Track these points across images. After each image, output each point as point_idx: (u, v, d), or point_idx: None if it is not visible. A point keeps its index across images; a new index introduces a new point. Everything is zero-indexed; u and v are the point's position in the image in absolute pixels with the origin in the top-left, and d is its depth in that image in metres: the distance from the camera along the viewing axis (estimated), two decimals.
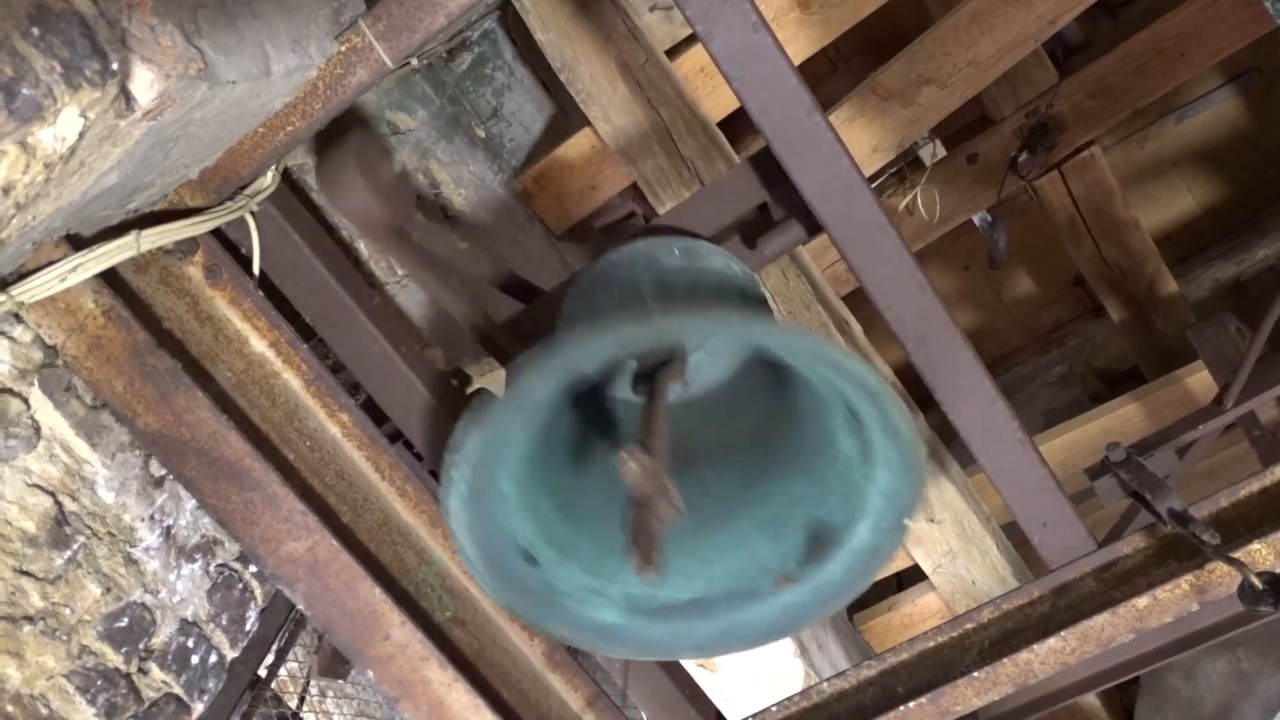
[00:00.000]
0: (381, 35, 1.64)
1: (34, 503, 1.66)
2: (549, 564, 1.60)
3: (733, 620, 1.61)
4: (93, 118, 1.17)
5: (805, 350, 1.48)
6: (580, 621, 1.60)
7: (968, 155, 4.12)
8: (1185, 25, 3.67)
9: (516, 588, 1.59)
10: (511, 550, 1.58)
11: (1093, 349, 5.30)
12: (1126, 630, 1.69)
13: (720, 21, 1.55)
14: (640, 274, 1.67)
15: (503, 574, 1.58)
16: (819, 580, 1.56)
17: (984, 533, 3.43)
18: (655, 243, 1.73)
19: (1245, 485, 1.68)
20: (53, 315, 1.68)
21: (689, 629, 1.60)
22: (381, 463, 1.96)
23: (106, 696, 1.72)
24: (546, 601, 1.60)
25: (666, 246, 1.71)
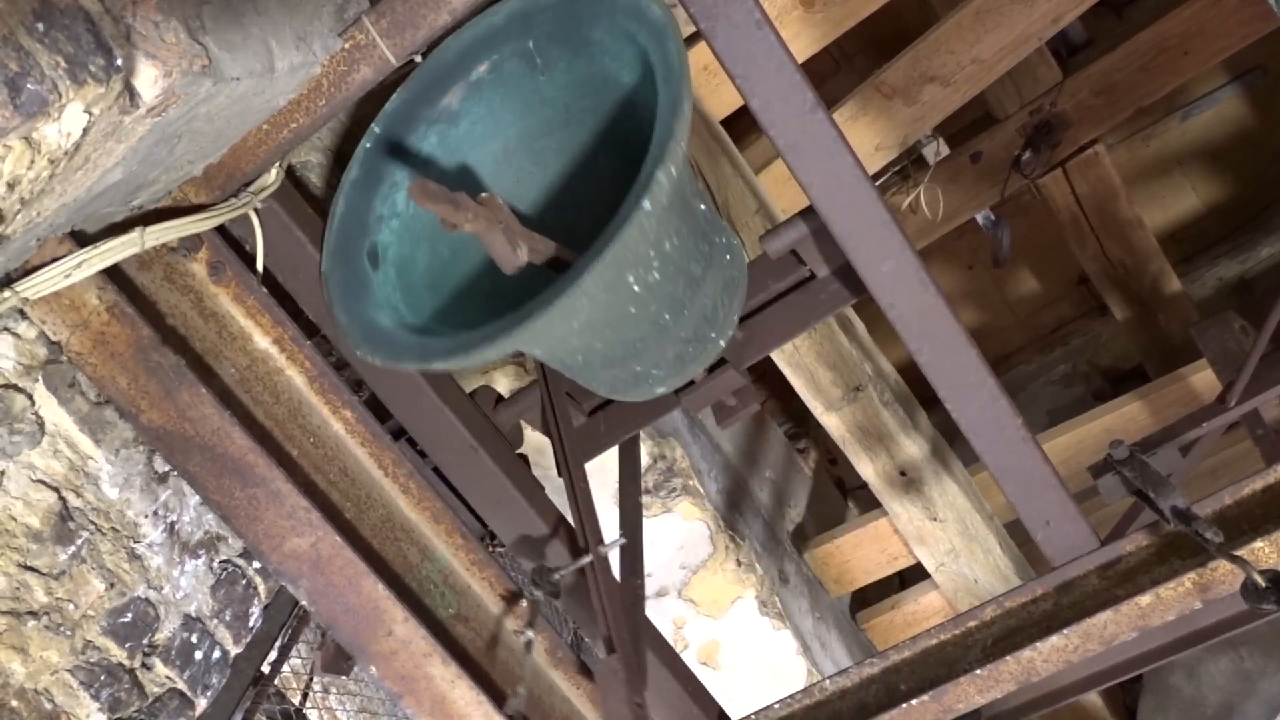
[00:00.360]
0: (385, 32, 1.64)
1: (38, 498, 1.66)
2: (382, 278, 1.76)
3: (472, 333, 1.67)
4: (97, 114, 1.17)
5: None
6: (362, 317, 1.70)
7: (971, 153, 4.12)
8: (1190, 23, 3.66)
9: (344, 266, 1.76)
10: (365, 239, 1.77)
11: (1096, 347, 5.29)
12: (1129, 628, 1.69)
13: (723, 18, 1.55)
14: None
15: (344, 248, 1.77)
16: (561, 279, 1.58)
17: (987, 531, 3.43)
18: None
19: (1249, 483, 1.68)
20: (57, 311, 1.69)
21: (435, 343, 1.66)
22: (384, 459, 1.97)
23: (110, 692, 1.72)
24: (355, 293, 1.73)
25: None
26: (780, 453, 4.04)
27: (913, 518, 3.42)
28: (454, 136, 1.82)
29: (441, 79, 1.79)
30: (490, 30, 1.74)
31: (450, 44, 1.77)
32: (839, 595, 3.86)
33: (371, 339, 1.68)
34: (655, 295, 1.64)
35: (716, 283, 1.78)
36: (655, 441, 3.11)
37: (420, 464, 2.03)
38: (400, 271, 1.78)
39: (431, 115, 1.80)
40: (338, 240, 1.79)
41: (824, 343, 3.09)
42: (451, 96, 1.79)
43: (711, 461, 3.42)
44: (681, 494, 3.17)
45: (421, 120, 1.80)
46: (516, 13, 1.73)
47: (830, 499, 4.29)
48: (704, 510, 3.20)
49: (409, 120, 1.80)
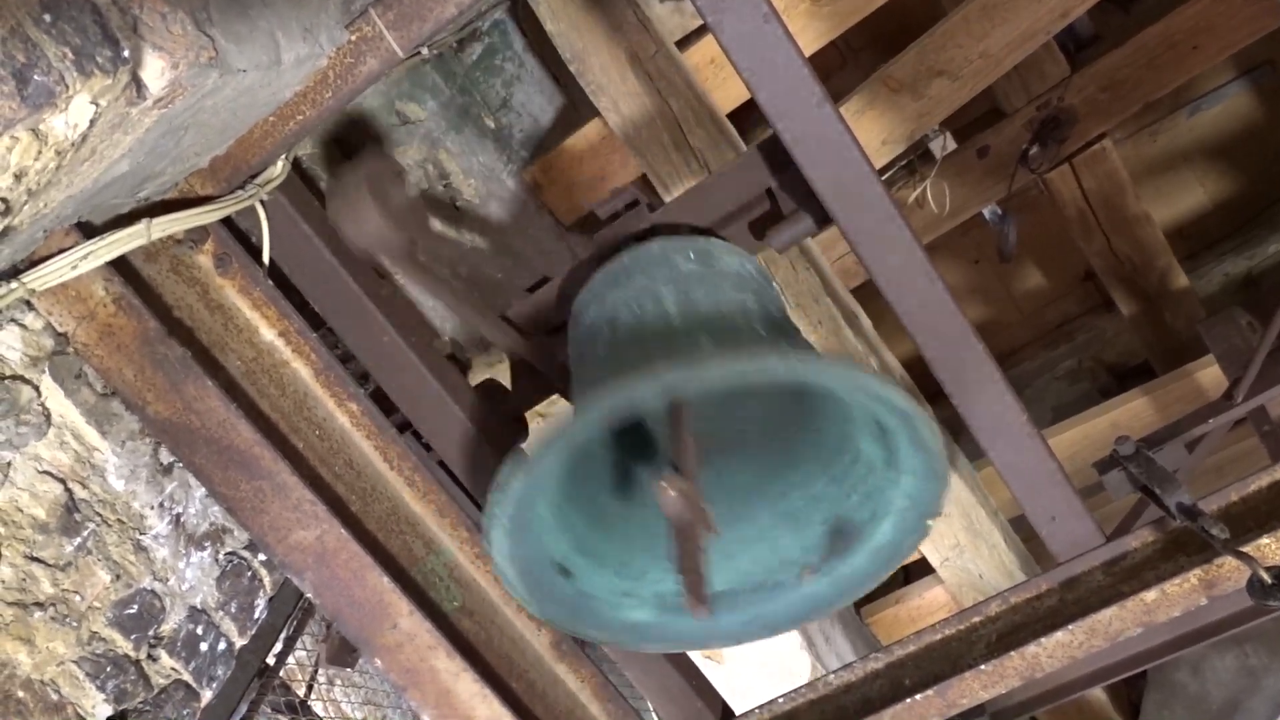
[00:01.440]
0: (392, 24, 1.64)
1: (44, 490, 1.66)
2: (581, 573, 1.62)
3: (758, 611, 1.64)
4: (104, 105, 1.17)
5: (842, 381, 1.46)
6: (614, 623, 1.63)
7: (978, 148, 4.11)
8: (1198, 19, 3.65)
9: (554, 601, 1.60)
10: (548, 567, 1.60)
11: (1102, 343, 5.28)
12: (1134, 624, 1.69)
13: (730, 12, 1.54)
14: (658, 281, 1.65)
15: (541, 591, 1.59)
16: (840, 572, 1.58)
17: (991, 526, 3.42)
18: (669, 245, 1.72)
19: (1255, 480, 1.68)
20: (63, 303, 1.69)
21: (716, 621, 1.62)
22: (390, 452, 1.97)
23: (116, 683, 1.73)
24: (582, 608, 1.62)
25: (681, 250, 1.70)
26: None
27: None
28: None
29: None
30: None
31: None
32: None
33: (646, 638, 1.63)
34: None
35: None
36: None
37: (425, 457, 2.03)
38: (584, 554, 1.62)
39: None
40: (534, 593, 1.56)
41: (830, 337, 3.08)
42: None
43: None
44: None
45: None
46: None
47: None
48: None
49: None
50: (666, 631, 1.63)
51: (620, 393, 1.32)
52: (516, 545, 1.52)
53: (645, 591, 1.65)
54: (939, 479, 1.44)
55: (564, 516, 1.62)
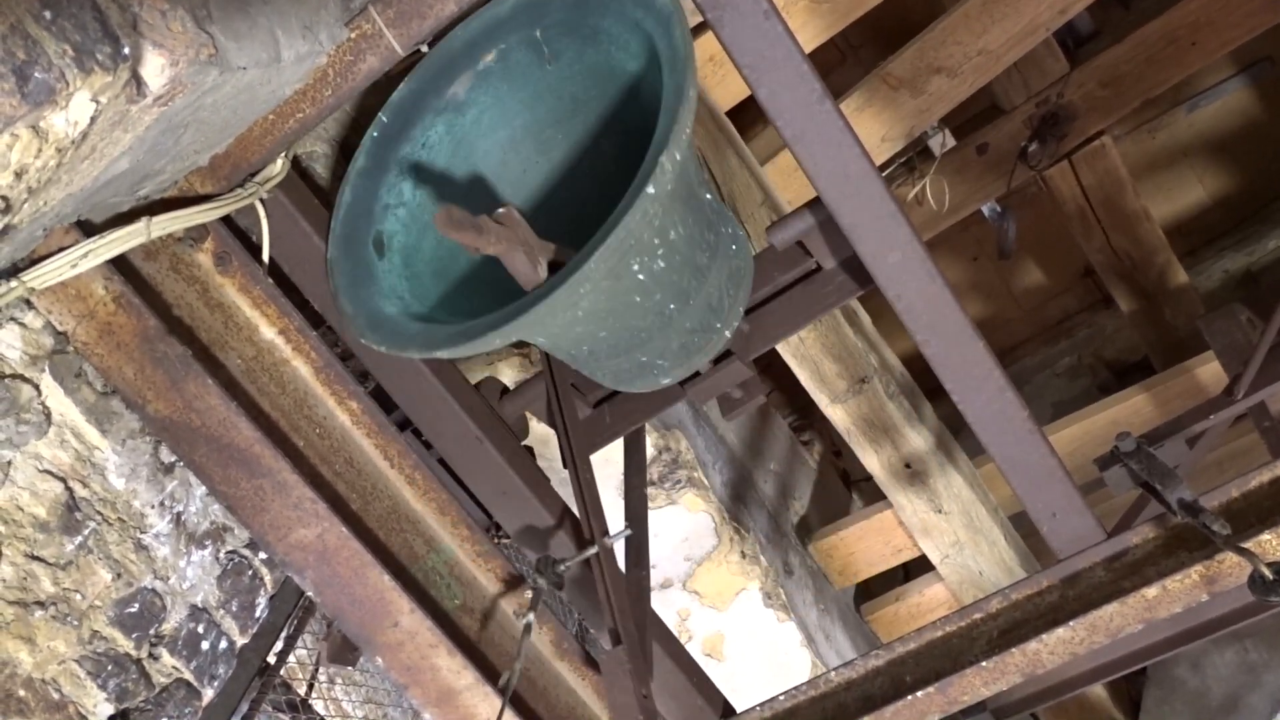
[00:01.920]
0: (392, 22, 1.64)
1: (45, 488, 1.66)
2: (388, 266, 1.77)
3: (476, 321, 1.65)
4: (104, 102, 1.17)
5: None
6: (368, 305, 1.71)
7: (977, 145, 4.11)
8: (1197, 14, 3.64)
9: (351, 255, 1.77)
10: (371, 227, 1.78)
11: (1102, 340, 5.28)
12: (1135, 620, 1.69)
13: (731, 8, 1.54)
14: None
15: (350, 235, 1.78)
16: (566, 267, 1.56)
17: (992, 523, 3.42)
18: None
19: (1256, 475, 1.68)
20: (63, 301, 1.69)
21: (439, 330, 1.65)
22: (390, 450, 1.97)
23: (117, 682, 1.73)
24: (361, 281, 1.74)
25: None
26: (785, 445, 4.04)
27: (917, 510, 3.42)
28: (461, 126, 1.82)
29: (449, 68, 1.79)
30: (497, 19, 1.74)
31: (457, 33, 1.76)
32: (843, 587, 3.86)
33: (376, 327, 1.68)
34: (660, 284, 1.64)
35: (722, 273, 1.77)
36: (660, 434, 3.11)
37: (426, 455, 2.03)
38: (406, 260, 1.79)
39: (439, 105, 1.80)
40: (344, 229, 1.79)
41: (829, 334, 3.08)
42: (459, 86, 1.79)
43: (716, 454, 3.42)
44: (686, 486, 3.17)
45: (429, 109, 1.80)
46: (524, 3, 1.72)
47: (835, 491, 4.28)
48: (709, 502, 3.20)
49: (416, 110, 1.80)
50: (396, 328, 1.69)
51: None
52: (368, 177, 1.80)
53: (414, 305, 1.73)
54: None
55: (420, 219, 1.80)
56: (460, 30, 1.76)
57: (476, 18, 1.75)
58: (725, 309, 1.81)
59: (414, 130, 1.80)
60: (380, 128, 1.81)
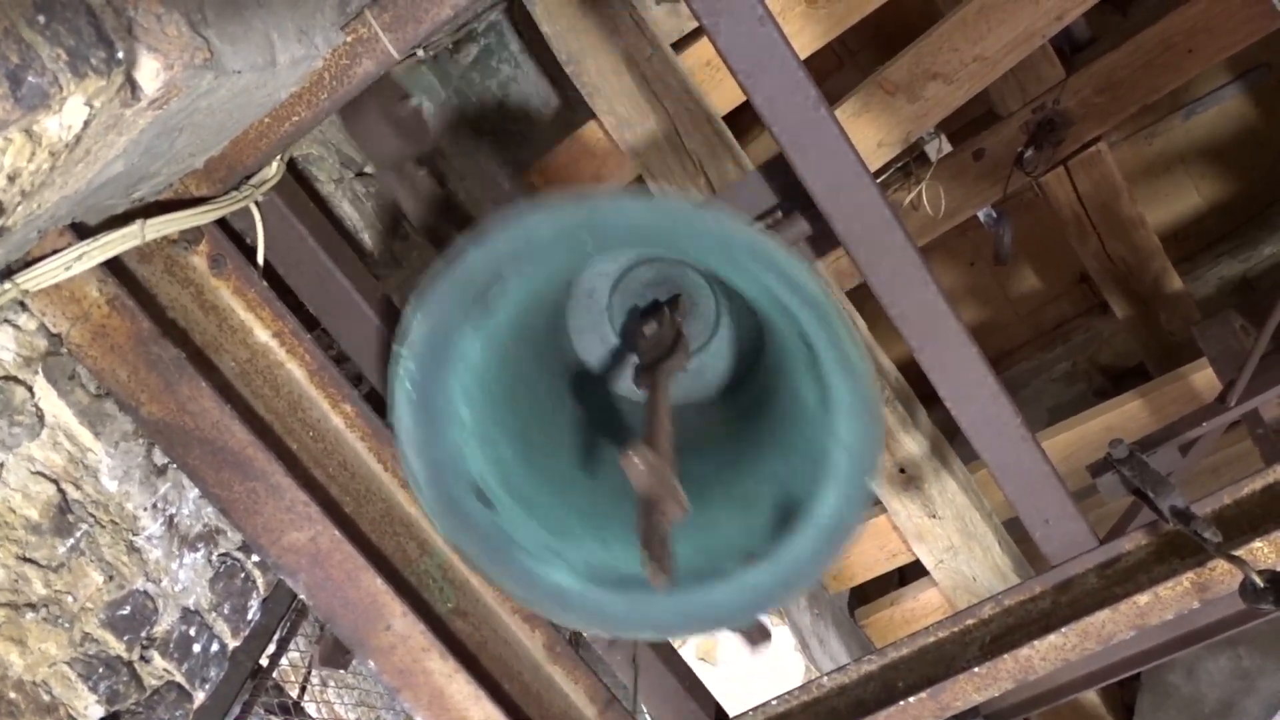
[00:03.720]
0: (387, 26, 1.64)
1: (37, 490, 1.66)
2: (506, 512, 1.54)
3: (694, 599, 1.55)
4: (98, 106, 1.17)
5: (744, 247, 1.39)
6: (534, 580, 1.54)
7: (974, 151, 4.11)
8: (1194, 21, 3.65)
9: (467, 527, 1.54)
10: (464, 483, 1.53)
11: (1098, 345, 5.29)
12: (1127, 627, 1.69)
13: (727, 14, 1.54)
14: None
15: (452, 506, 1.53)
16: (785, 557, 1.51)
17: (986, 529, 3.42)
18: None
19: (1248, 483, 1.68)
20: (57, 303, 1.69)
21: (648, 605, 1.53)
22: (384, 454, 1.96)
23: (108, 684, 1.73)
24: (500, 551, 1.54)
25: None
26: None
27: (912, 515, 3.42)
28: (493, 322, 1.58)
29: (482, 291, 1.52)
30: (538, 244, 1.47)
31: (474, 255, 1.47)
32: (838, 592, 3.86)
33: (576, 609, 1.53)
34: None
35: None
36: None
37: None
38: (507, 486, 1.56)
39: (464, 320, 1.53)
40: (441, 503, 1.53)
41: None
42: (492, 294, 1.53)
43: None
44: None
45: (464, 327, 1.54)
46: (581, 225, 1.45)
47: None
48: None
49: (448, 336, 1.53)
50: (592, 606, 1.53)
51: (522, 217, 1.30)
52: (426, 434, 1.46)
53: (574, 556, 1.55)
54: (871, 414, 1.38)
55: (489, 435, 1.53)
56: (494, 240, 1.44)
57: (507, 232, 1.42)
58: None
59: (451, 356, 1.54)
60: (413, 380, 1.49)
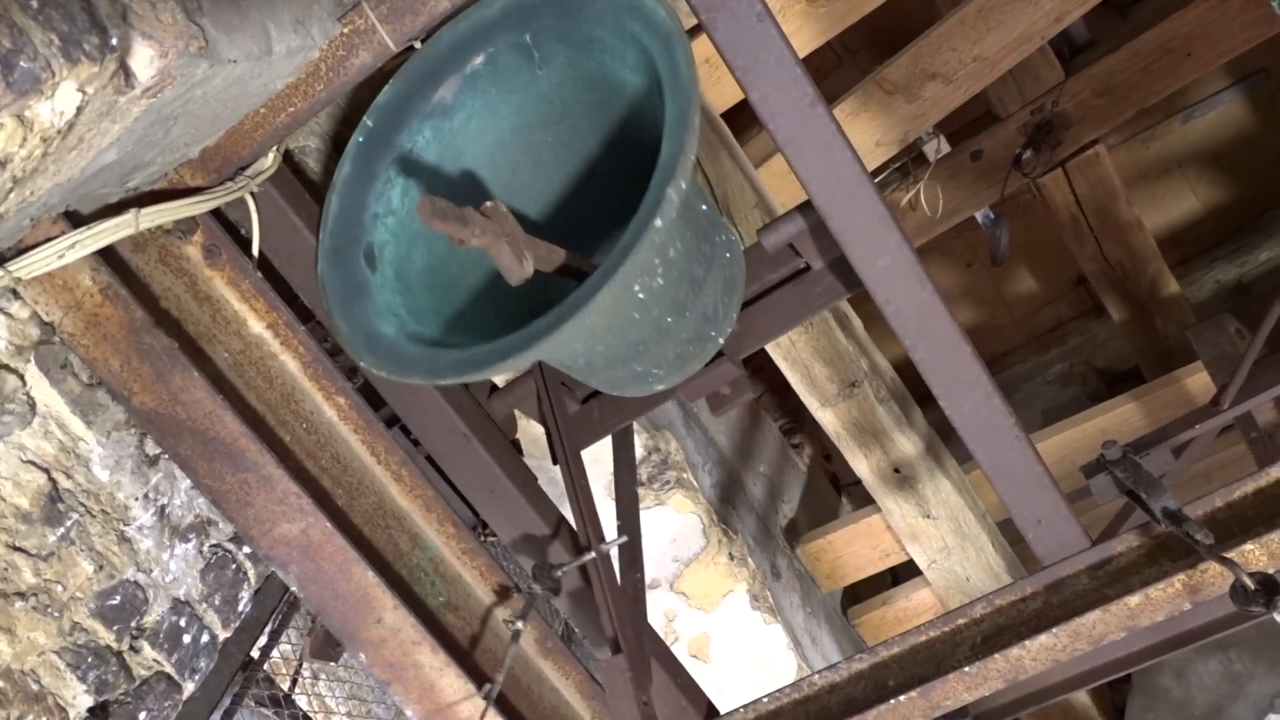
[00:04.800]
0: (385, 18, 1.64)
1: (28, 479, 1.65)
2: (381, 280, 1.74)
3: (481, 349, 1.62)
4: (91, 93, 1.17)
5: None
6: (366, 326, 1.69)
7: (972, 152, 4.11)
8: (1193, 25, 3.65)
9: (341, 269, 1.74)
10: (361, 240, 1.75)
11: (1093, 348, 5.30)
12: (1118, 628, 1.69)
13: (725, 11, 1.54)
14: None
15: (340, 250, 1.75)
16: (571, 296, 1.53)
17: (979, 529, 3.43)
18: None
19: (1240, 486, 1.68)
20: (50, 292, 1.68)
21: (442, 356, 1.63)
22: (377, 447, 1.96)
23: (97, 674, 1.72)
24: (354, 299, 1.72)
25: None
26: (775, 448, 4.04)
27: (906, 515, 3.42)
28: (448, 130, 1.80)
29: (435, 72, 1.76)
30: (485, 22, 1.72)
31: (443, 35, 1.74)
32: (831, 591, 3.87)
33: (375, 350, 1.66)
34: (659, 300, 1.64)
35: (717, 282, 1.77)
36: (649, 434, 3.11)
37: (413, 452, 2.02)
38: (398, 272, 1.76)
39: (425, 109, 1.77)
40: (332, 241, 1.76)
41: (820, 338, 3.08)
42: (445, 89, 1.76)
43: (706, 455, 3.42)
44: (675, 487, 3.16)
45: (415, 114, 1.77)
46: (513, 6, 1.70)
47: (824, 494, 4.29)
48: (697, 504, 3.20)
49: (402, 114, 1.78)
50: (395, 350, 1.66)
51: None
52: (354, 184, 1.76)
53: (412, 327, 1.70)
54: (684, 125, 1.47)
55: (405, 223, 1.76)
56: (446, 32, 1.73)
57: (463, 19, 1.72)
58: (720, 317, 1.81)
59: (400, 135, 1.77)
60: (365, 133, 1.78)
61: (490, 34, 1.72)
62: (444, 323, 1.75)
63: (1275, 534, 1.58)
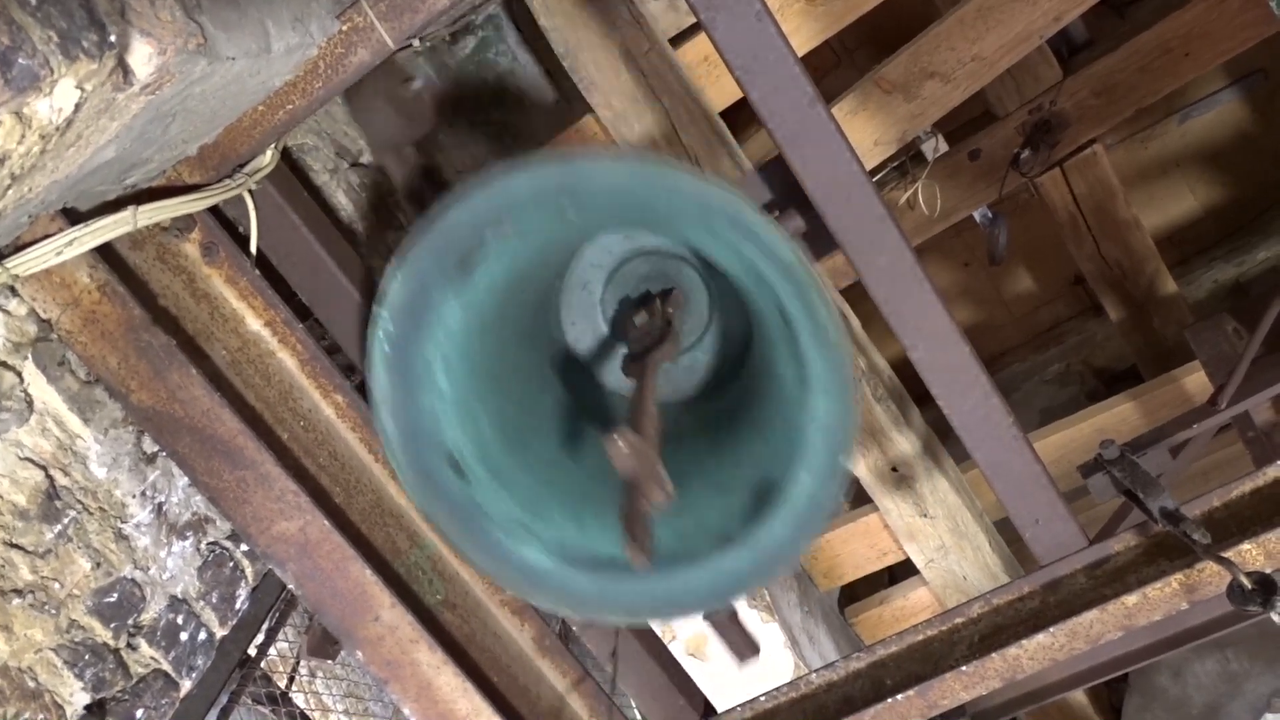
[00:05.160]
0: (383, 15, 1.63)
1: (25, 476, 1.65)
2: (480, 485, 1.54)
3: (667, 583, 1.53)
4: (89, 90, 1.16)
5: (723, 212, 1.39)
6: (505, 555, 1.54)
7: (970, 151, 4.11)
8: (1192, 25, 3.65)
9: (439, 495, 1.54)
10: (439, 452, 1.53)
11: (1091, 347, 5.30)
12: (1115, 627, 1.69)
13: (724, 10, 1.54)
14: None
15: (424, 474, 1.54)
16: (760, 541, 1.48)
17: (977, 528, 3.43)
18: None
19: (1238, 486, 1.68)
20: (48, 289, 1.68)
21: (619, 587, 1.52)
22: (375, 445, 1.96)
23: (94, 671, 1.72)
24: (472, 523, 1.54)
25: None
26: None
27: (903, 514, 3.42)
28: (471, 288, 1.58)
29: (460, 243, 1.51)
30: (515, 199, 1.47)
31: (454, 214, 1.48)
32: (828, 589, 3.86)
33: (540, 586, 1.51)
34: None
35: None
36: None
37: None
38: (483, 458, 1.56)
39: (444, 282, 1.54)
40: (414, 470, 1.54)
41: None
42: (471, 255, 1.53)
43: None
44: None
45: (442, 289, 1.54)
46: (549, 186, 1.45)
47: None
48: None
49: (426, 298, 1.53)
50: (563, 586, 1.52)
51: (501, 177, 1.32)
52: (401, 395, 1.47)
53: (547, 535, 1.54)
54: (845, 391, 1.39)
55: (466, 405, 1.53)
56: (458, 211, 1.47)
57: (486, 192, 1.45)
58: None
59: (429, 318, 1.54)
60: (391, 341, 1.51)
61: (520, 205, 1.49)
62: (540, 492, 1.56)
63: (1272, 534, 1.59)
